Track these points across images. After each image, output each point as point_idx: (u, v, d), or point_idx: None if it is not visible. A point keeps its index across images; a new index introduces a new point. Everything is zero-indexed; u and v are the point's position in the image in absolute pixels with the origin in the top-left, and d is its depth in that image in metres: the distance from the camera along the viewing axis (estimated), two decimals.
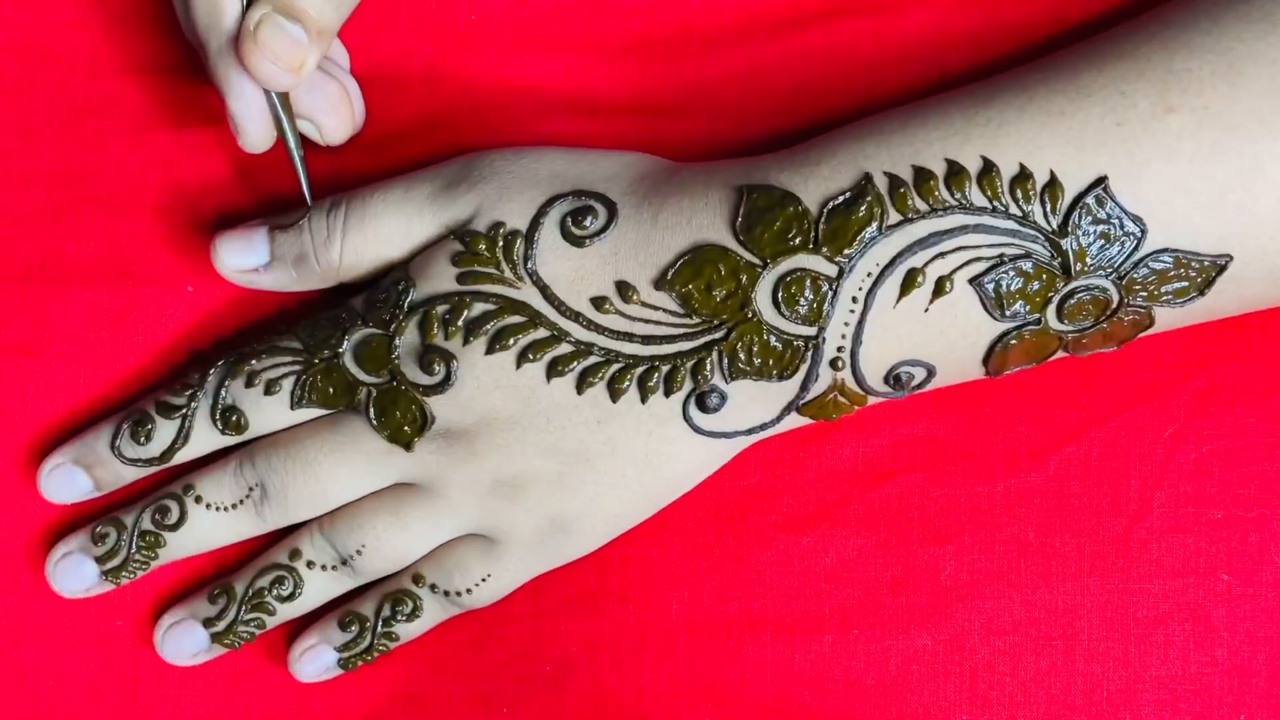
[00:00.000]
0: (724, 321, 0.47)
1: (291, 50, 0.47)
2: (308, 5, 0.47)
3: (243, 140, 0.50)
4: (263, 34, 0.47)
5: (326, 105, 0.51)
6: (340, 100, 0.52)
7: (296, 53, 0.47)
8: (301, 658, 0.54)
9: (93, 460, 0.53)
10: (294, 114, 0.51)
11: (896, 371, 0.48)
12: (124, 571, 0.53)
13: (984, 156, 0.45)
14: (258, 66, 0.47)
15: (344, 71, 0.53)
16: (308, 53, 0.48)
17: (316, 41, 0.48)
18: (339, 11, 0.48)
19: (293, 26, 0.47)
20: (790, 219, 0.46)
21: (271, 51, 0.47)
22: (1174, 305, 0.47)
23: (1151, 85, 0.45)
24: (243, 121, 0.50)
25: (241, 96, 0.49)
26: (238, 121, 0.50)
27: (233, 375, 0.51)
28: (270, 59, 0.47)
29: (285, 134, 0.51)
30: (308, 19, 0.47)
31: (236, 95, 0.49)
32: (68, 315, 0.54)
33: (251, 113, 0.50)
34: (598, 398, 0.48)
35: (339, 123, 0.52)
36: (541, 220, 0.49)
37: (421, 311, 0.49)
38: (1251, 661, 0.52)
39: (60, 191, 0.55)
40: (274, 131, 0.51)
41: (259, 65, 0.47)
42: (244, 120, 0.50)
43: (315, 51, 0.48)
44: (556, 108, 0.54)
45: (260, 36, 0.47)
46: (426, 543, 0.52)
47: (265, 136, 0.50)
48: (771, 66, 0.53)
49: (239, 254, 0.52)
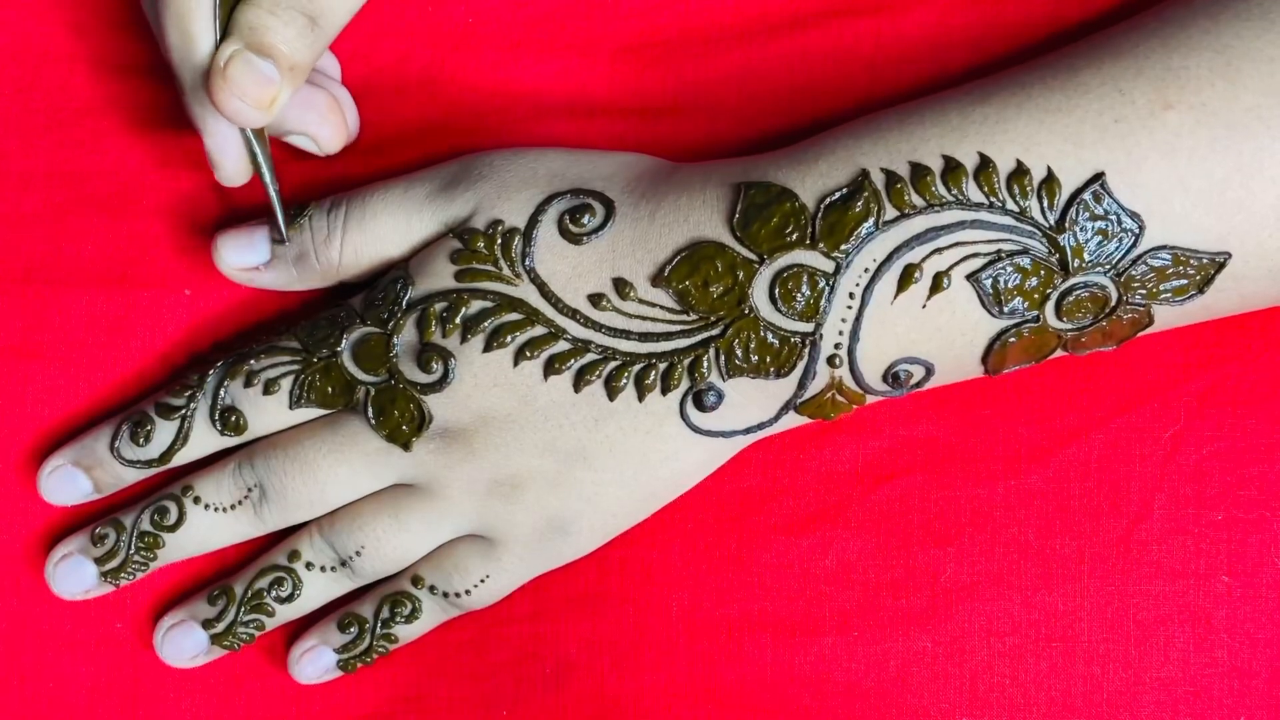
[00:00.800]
0: (721, 318, 0.47)
1: (262, 88, 0.46)
2: (279, 41, 0.46)
3: (218, 175, 0.50)
4: (232, 71, 0.46)
5: (317, 117, 0.51)
6: (330, 110, 0.51)
7: (267, 90, 0.46)
8: (301, 659, 0.54)
9: (92, 462, 0.53)
10: (269, 146, 0.50)
11: (895, 369, 0.48)
12: (123, 573, 0.53)
13: (981, 152, 0.45)
14: (226, 104, 0.46)
15: (334, 81, 0.53)
16: (279, 90, 0.47)
17: (289, 78, 0.47)
18: (313, 48, 0.47)
19: (264, 63, 0.46)
20: (787, 215, 0.46)
21: (240, 89, 0.46)
22: (1173, 303, 0.47)
23: (1149, 82, 0.45)
24: (217, 157, 0.49)
25: (215, 133, 0.49)
26: (213, 157, 0.49)
27: (231, 375, 0.51)
28: (239, 96, 0.46)
29: (260, 168, 0.50)
30: (279, 55, 0.46)
31: (210, 132, 0.49)
32: (67, 317, 0.54)
33: (226, 149, 0.49)
34: (595, 396, 0.48)
35: (332, 132, 0.51)
36: (539, 218, 0.49)
37: (420, 309, 0.49)
38: (1252, 663, 0.52)
39: (59, 193, 0.55)
40: (249, 166, 0.50)
41: (228, 103, 0.46)
42: (218, 156, 0.49)
43: (287, 89, 0.47)
44: (555, 109, 0.54)
45: (230, 74, 0.46)
46: (426, 543, 0.52)
47: (240, 171, 0.50)
48: (771, 66, 0.53)
49: (240, 252, 0.52)
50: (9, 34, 0.54)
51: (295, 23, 0.47)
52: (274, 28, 0.46)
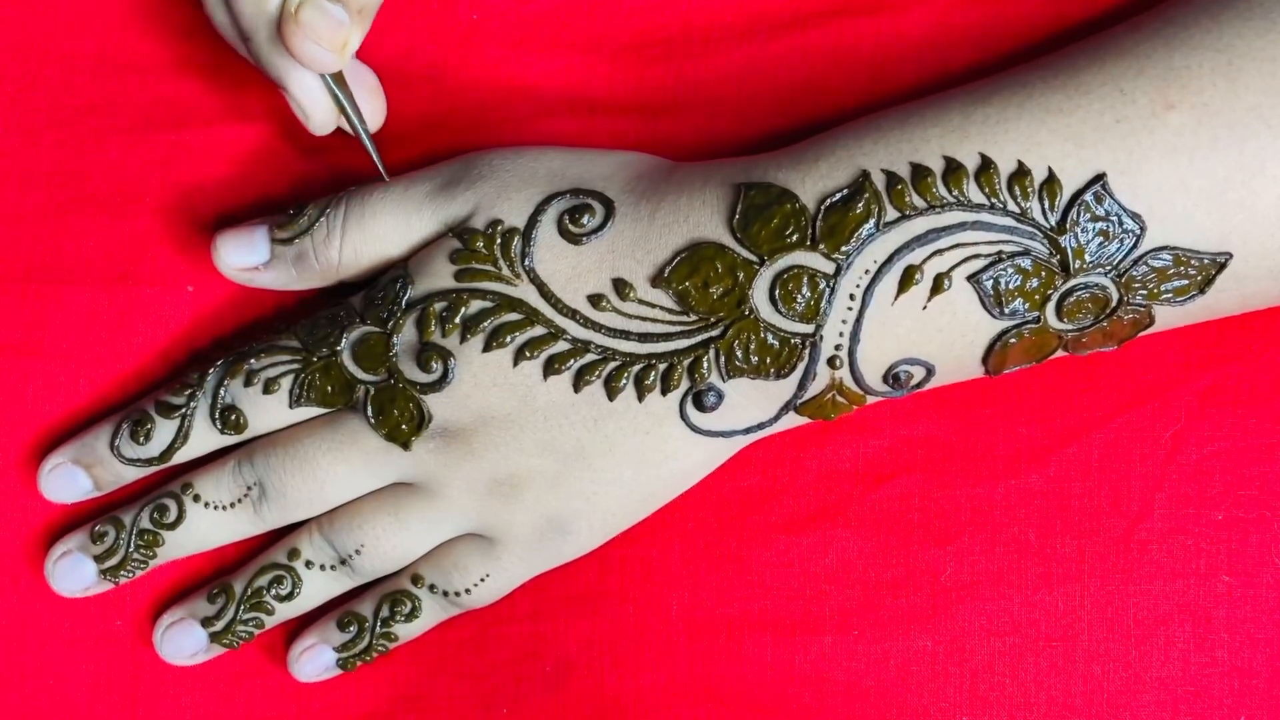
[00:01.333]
0: (721, 319, 0.47)
1: (334, 30, 0.46)
2: None
3: (310, 125, 0.50)
4: (305, 15, 0.46)
5: (367, 92, 0.51)
6: (375, 90, 0.52)
7: (339, 33, 0.47)
8: (300, 658, 0.54)
9: (92, 460, 0.53)
10: (350, 91, 0.50)
11: (895, 370, 0.47)
12: (122, 570, 0.53)
13: (982, 153, 0.45)
14: (301, 48, 0.46)
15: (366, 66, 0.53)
16: (350, 32, 0.47)
17: (358, 21, 0.47)
18: None
19: (333, 7, 0.46)
20: (787, 216, 0.46)
21: (315, 32, 0.46)
22: (1174, 304, 0.47)
23: (1151, 82, 0.45)
24: (306, 106, 0.50)
25: (298, 83, 0.49)
26: (301, 107, 0.50)
27: (231, 374, 0.51)
28: (314, 39, 0.46)
29: (348, 113, 0.50)
30: None
31: (295, 81, 0.49)
32: (67, 315, 0.54)
33: (313, 97, 0.49)
34: (594, 396, 0.48)
35: (378, 109, 0.52)
36: (539, 218, 0.49)
37: (419, 309, 0.49)
38: (1252, 662, 0.52)
39: (60, 191, 0.55)
40: (335, 113, 0.50)
41: (302, 47, 0.46)
42: (307, 105, 0.49)
43: (358, 31, 0.47)
44: (556, 107, 0.54)
45: (302, 18, 0.46)
46: (425, 542, 0.52)
47: (330, 118, 0.50)
48: (771, 66, 0.53)
49: (239, 252, 0.52)
50: (9, 33, 0.54)
51: None
52: None
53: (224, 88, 0.55)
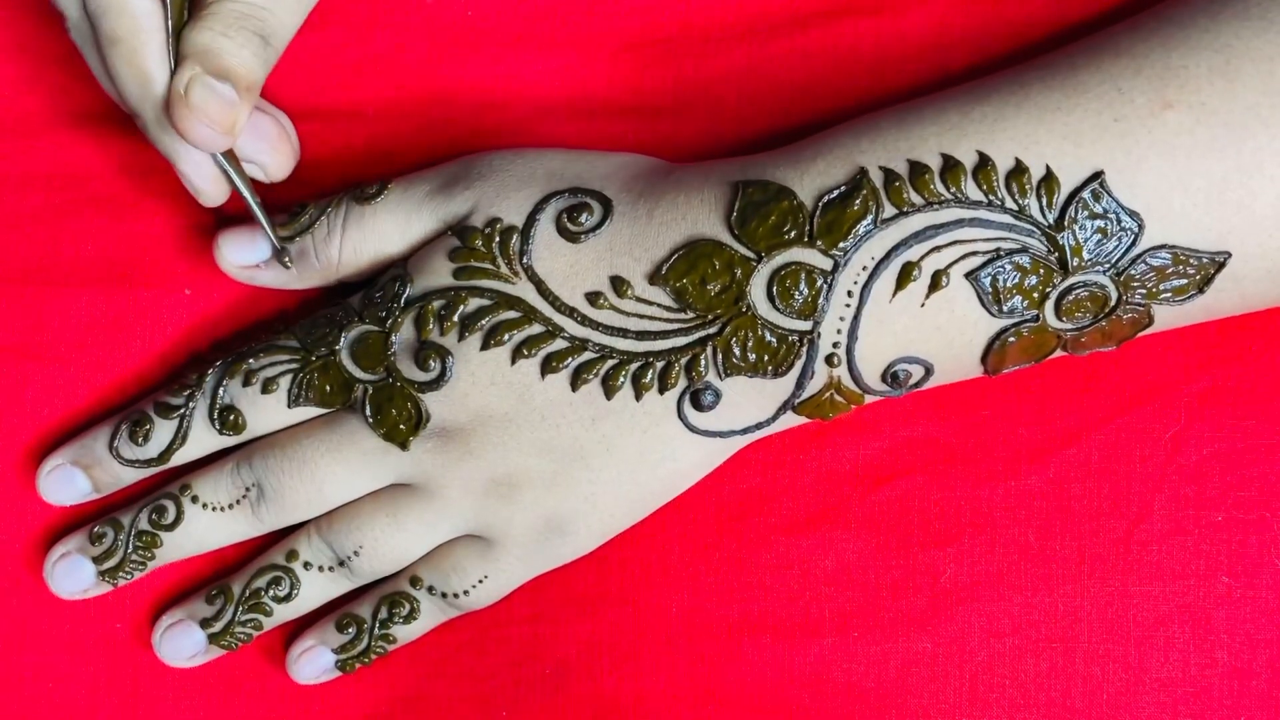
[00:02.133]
0: (718, 316, 0.47)
1: (224, 111, 0.46)
2: (236, 63, 0.46)
3: (200, 200, 0.50)
4: (194, 96, 0.46)
5: (267, 145, 0.51)
6: (279, 137, 0.51)
7: (229, 113, 0.46)
8: (299, 660, 0.54)
9: (91, 461, 0.53)
10: (240, 162, 0.50)
11: (893, 369, 0.47)
12: (121, 572, 0.53)
13: (980, 151, 0.45)
14: (192, 130, 0.46)
15: (271, 105, 0.53)
16: (239, 111, 0.47)
17: (246, 98, 0.47)
18: (266, 67, 0.48)
19: (223, 86, 0.46)
20: (785, 212, 0.46)
21: (204, 114, 0.46)
22: (1173, 303, 0.46)
23: (1149, 82, 0.45)
24: (195, 183, 0.49)
25: (189, 160, 0.49)
26: (192, 184, 0.50)
27: (230, 374, 0.51)
28: (204, 122, 0.46)
29: (238, 187, 0.50)
30: (237, 77, 0.46)
31: (184, 159, 0.49)
32: (66, 317, 0.54)
33: (203, 174, 0.49)
34: (592, 395, 0.48)
35: (281, 160, 0.51)
36: (537, 216, 0.49)
37: (418, 307, 0.49)
38: (1251, 663, 0.52)
39: (59, 193, 0.55)
40: (227, 185, 0.50)
41: (194, 129, 0.46)
42: (196, 181, 0.49)
43: (245, 109, 0.47)
44: (555, 108, 0.54)
45: (192, 99, 0.46)
46: (424, 544, 0.52)
47: (220, 191, 0.50)
48: (771, 66, 0.53)
49: (241, 250, 0.52)
50: (9, 34, 0.54)
51: (250, 43, 0.47)
52: (229, 50, 0.46)
53: None
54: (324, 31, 0.54)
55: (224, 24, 0.46)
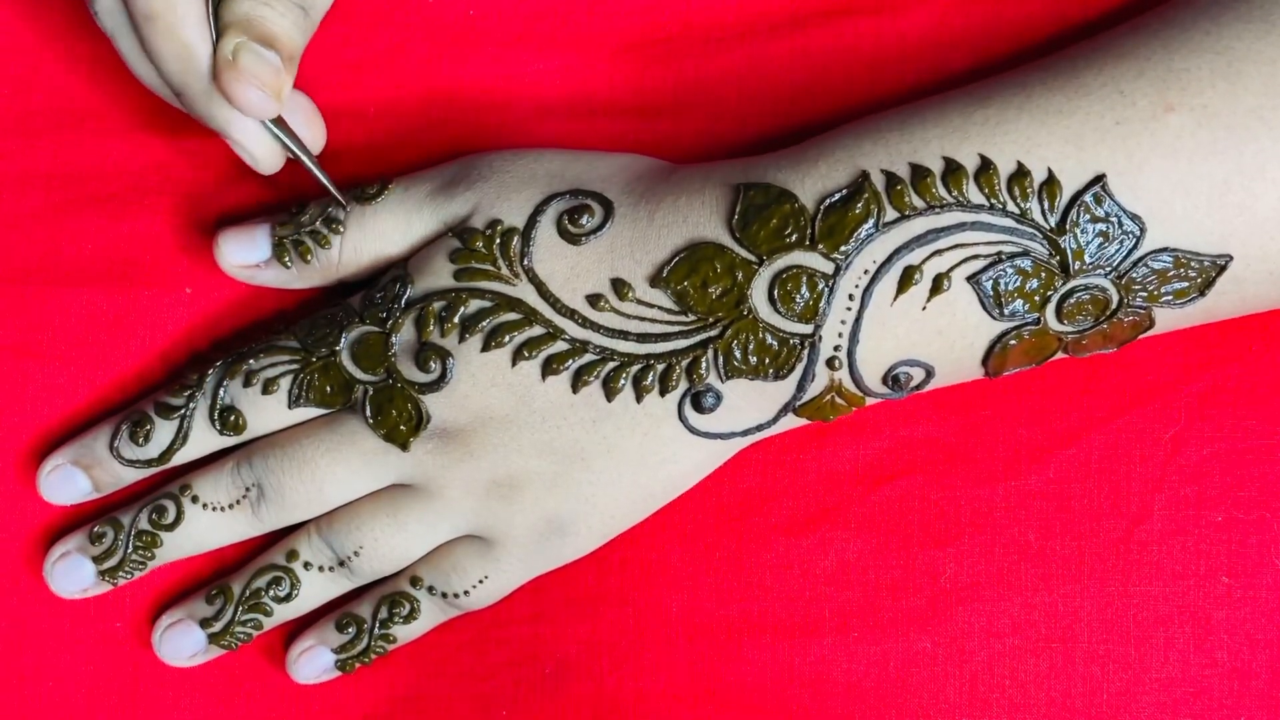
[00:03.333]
0: (719, 319, 0.47)
1: (272, 75, 0.46)
2: (278, 30, 0.47)
3: (258, 168, 0.50)
4: (243, 61, 0.46)
5: (304, 118, 0.51)
6: (313, 111, 0.52)
7: (276, 78, 0.47)
8: (299, 659, 0.54)
9: (91, 461, 0.53)
10: (289, 126, 0.50)
11: (894, 372, 0.47)
12: (121, 572, 0.53)
13: (981, 154, 0.45)
14: (242, 94, 0.46)
15: None
16: (284, 78, 0.47)
17: (289, 66, 0.47)
18: (306, 35, 0.48)
19: (268, 52, 0.46)
20: (787, 216, 0.46)
21: (255, 77, 0.46)
22: (1174, 306, 0.46)
23: (1151, 84, 0.45)
24: (252, 150, 0.49)
25: (243, 128, 0.49)
26: (248, 151, 0.49)
27: (230, 375, 0.51)
28: (255, 85, 0.46)
29: (294, 150, 0.50)
30: (281, 44, 0.47)
31: (238, 128, 0.49)
32: (66, 317, 0.54)
33: (258, 139, 0.49)
34: (593, 397, 0.48)
35: (315, 133, 0.52)
36: (538, 218, 0.49)
37: (418, 308, 0.49)
38: (1251, 663, 0.52)
39: (59, 193, 0.55)
40: (282, 151, 0.50)
41: (243, 93, 0.46)
42: (253, 149, 0.49)
43: (289, 77, 0.47)
44: (555, 108, 0.54)
45: (241, 64, 0.46)
46: (424, 544, 0.52)
47: (278, 158, 0.50)
48: (771, 66, 0.53)
49: (241, 249, 0.52)
50: (8, 34, 0.54)
51: (291, 12, 0.47)
52: (271, 18, 0.46)
53: None
54: (324, 31, 0.53)
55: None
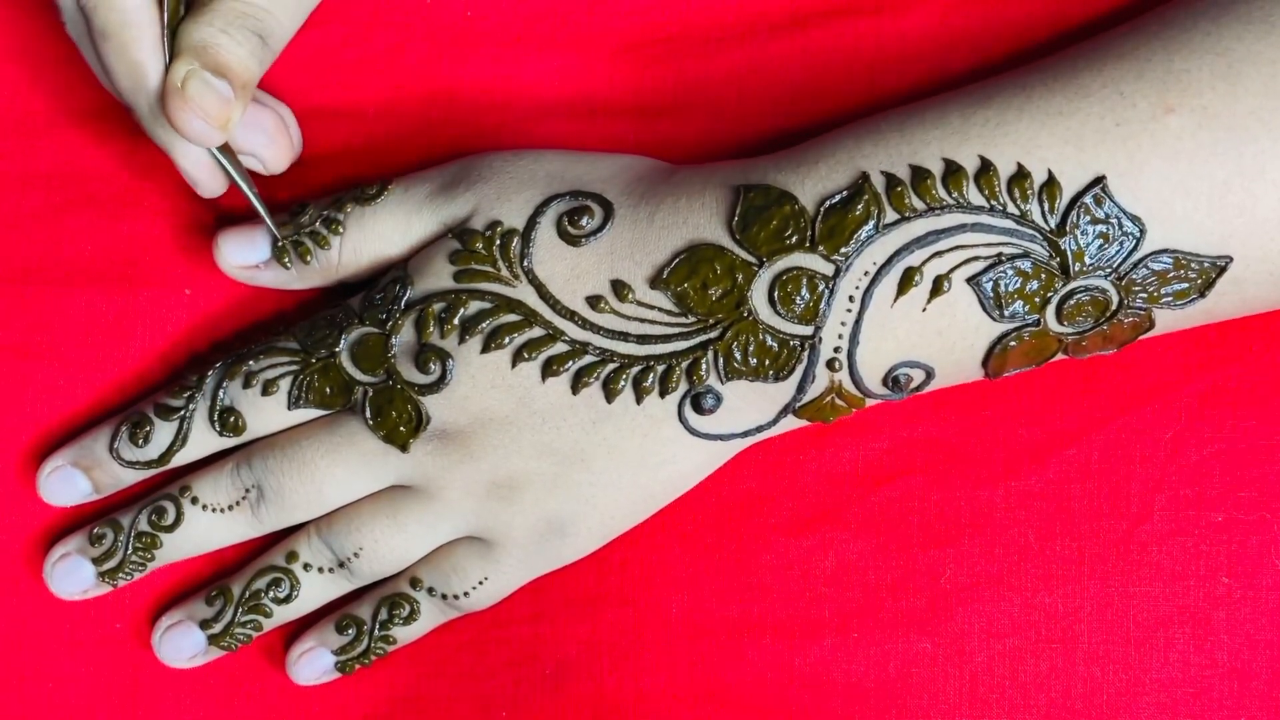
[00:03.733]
0: (719, 321, 0.47)
1: (219, 106, 0.46)
2: (232, 60, 0.46)
3: (199, 192, 0.51)
4: (190, 90, 0.46)
5: (265, 138, 0.51)
6: (277, 130, 0.51)
7: (224, 109, 0.46)
8: (299, 661, 0.54)
9: (91, 463, 0.53)
10: (236, 155, 0.50)
11: (894, 373, 0.47)
12: (121, 573, 0.53)
13: (982, 156, 0.45)
14: (187, 124, 0.46)
15: (274, 99, 0.53)
16: (234, 108, 0.47)
17: (241, 95, 0.47)
18: (263, 65, 0.48)
19: (219, 81, 0.46)
20: (787, 217, 0.46)
21: (199, 108, 0.46)
22: (1174, 307, 0.46)
23: (1151, 85, 0.45)
24: (192, 175, 0.50)
25: (185, 153, 0.49)
26: (189, 175, 0.50)
27: (230, 376, 0.51)
28: (200, 116, 0.46)
29: (235, 179, 0.50)
30: (233, 73, 0.46)
31: (180, 152, 0.49)
32: (66, 317, 0.54)
33: (199, 165, 0.50)
34: (593, 398, 0.48)
35: (279, 152, 0.52)
36: (538, 219, 0.49)
37: (418, 310, 0.49)
38: (1251, 664, 0.52)
39: (59, 193, 0.55)
40: (225, 176, 0.50)
41: (189, 123, 0.46)
42: (193, 173, 0.50)
43: (240, 106, 0.47)
44: (555, 108, 0.54)
45: (189, 93, 0.46)
46: (424, 545, 0.52)
47: (218, 184, 0.51)
48: (771, 66, 0.53)
49: (240, 250, 0.52)
50: (8, 34, 0.54)
51: (248, 41, 0.47)
52: (226, 46, 0.46)
53: None
54: (324, 31, 0.53)
55: (223, 20, 0.46)
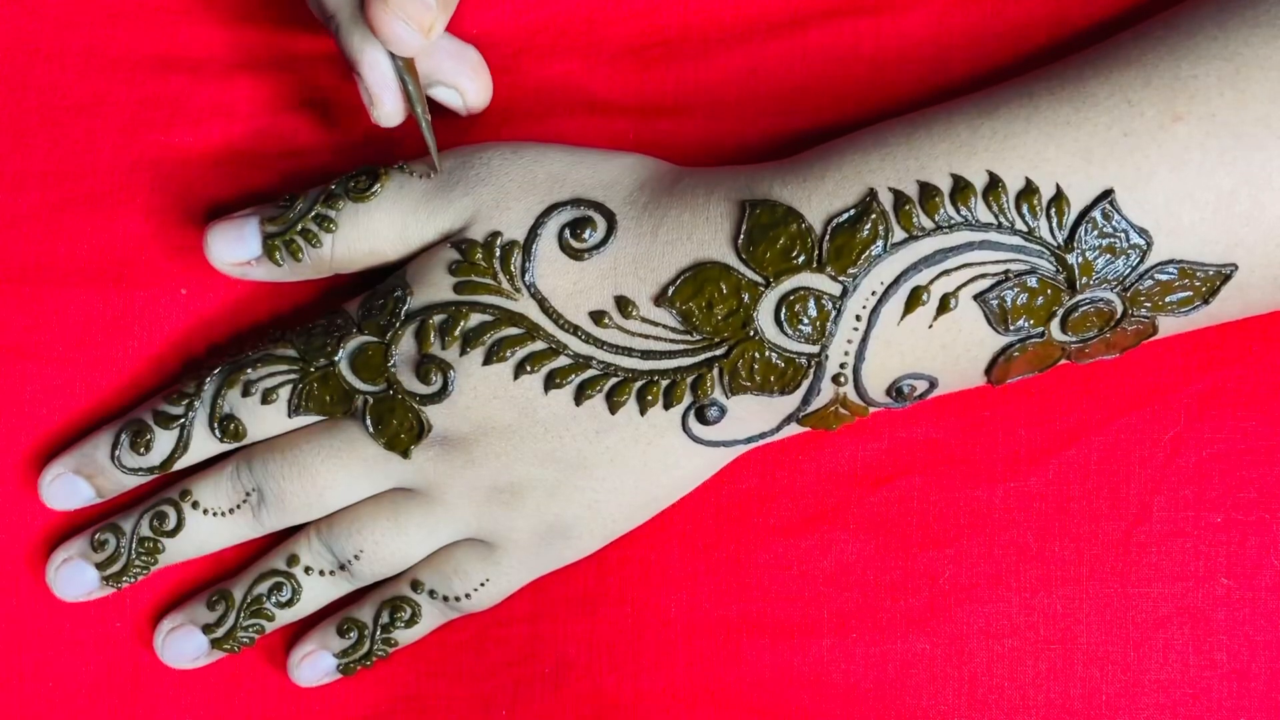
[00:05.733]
0: (725, 339, 0.47)
1: (422, 11, 0.46)
2: None
3: (376, 112, 0.49)
4: None
5: (470, 70, 0.51)
6: (480, 65, 0.51)
7: (427, 14, 0.46)
8: (300, 664, 0.54)
9: (94, 470, 0.53)
10: (420, 85, 0.49)
11: (899, 384, 0.47)
12: (124, 576, 0.53)
13: (990, 171, 0.45)
14: (388, 27, 0.45)
15: None
16: (437, 15, 0.46)
17: (443, 5, 0.46)
18: None
19: None
20: (794, 237, 0.46)
21: (403, 11, 0.45)
22: (1177, 314, 0.46)
23: (1158, 93, 0.45)
24: (377, 92, 0.48)
25: (376, 67, 0.48)
26: (372, 92, 0.48)
27: (229, 384, 0.51)
28: (403, 19, 0.45)
29: (415, 105, 0.49)
30: None
31: (370, 65, 0.48)
32: (62, 317, 0.54)
33: (385, 83, 0.48)
34: (596, 409, 0.48)
35: (481, 87, 0.51)
36: (539, 231, 0.48)
37: (418, 321, 0.48)
38: (1251, 665, 0.52)
39: (54, 192, 0.54)
40: (404, 104, 0.49)
41: (390, 26, 0.45)
42: (378, 90, 0.48)
43: (443, 15, 0.46)
44: (556, 108, 0.54)
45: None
46: (424, 547, 0.52)
47: (399, 108, 0.49)
48: (771, 67, 0.53)
49: (230, 246, 0.51)
50: (4, 31, 0.54)
51: None
52: None
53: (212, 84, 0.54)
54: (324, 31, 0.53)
55: None
